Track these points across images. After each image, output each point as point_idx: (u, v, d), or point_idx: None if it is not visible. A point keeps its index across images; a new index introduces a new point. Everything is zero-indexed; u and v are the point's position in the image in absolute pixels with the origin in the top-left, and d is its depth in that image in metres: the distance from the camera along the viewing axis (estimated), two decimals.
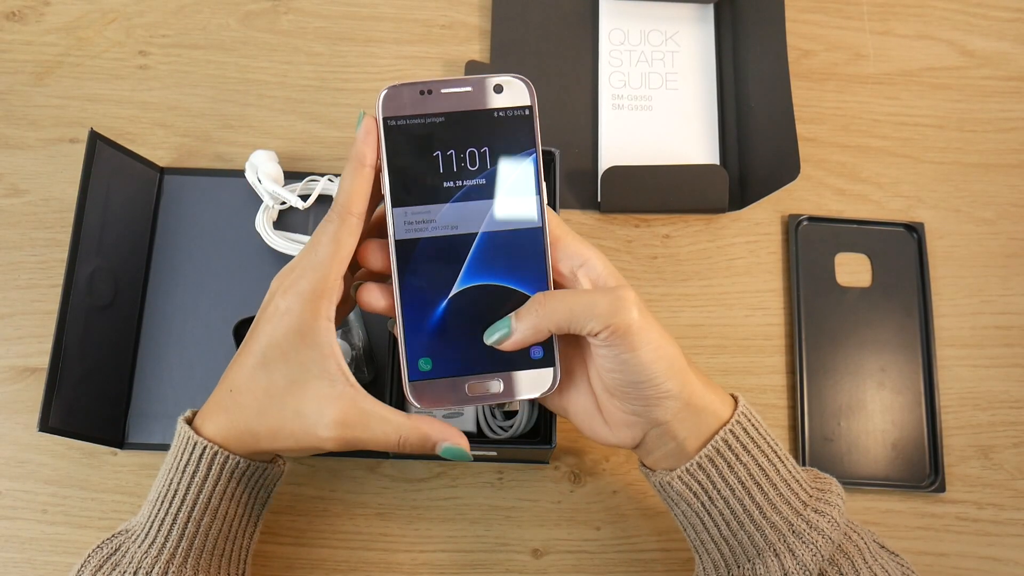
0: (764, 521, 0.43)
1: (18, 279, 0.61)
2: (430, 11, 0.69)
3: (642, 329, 0.40)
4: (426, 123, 0.42)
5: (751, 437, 0.43)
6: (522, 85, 0.42)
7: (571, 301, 0.41)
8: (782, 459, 0.44)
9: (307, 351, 0.41)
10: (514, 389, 0.43)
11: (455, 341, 0.42)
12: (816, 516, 0.43)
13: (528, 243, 0.42)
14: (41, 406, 0.51)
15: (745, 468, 0.43)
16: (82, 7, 0.68)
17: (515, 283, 0.42)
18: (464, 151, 0.42)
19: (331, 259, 0.41)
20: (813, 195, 0.65)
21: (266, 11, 0.69)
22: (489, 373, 0.43)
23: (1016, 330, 0.62)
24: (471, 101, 0.42)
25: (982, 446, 0.60)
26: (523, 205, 0.42)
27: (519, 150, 0.42)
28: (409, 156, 0.42)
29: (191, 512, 0.44)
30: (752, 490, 0.43)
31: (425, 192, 0.42)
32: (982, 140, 0.67)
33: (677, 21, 0.69)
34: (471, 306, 0.42)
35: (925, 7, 0.71)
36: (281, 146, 0.65)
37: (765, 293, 0.63)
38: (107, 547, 0.45)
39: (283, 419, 0.42)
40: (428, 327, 0.42)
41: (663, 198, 0.63)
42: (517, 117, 0.42)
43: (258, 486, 0.47)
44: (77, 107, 0.66)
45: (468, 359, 0.42)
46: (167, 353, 0.60)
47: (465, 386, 0.42)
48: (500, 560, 0.56)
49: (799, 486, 0.44)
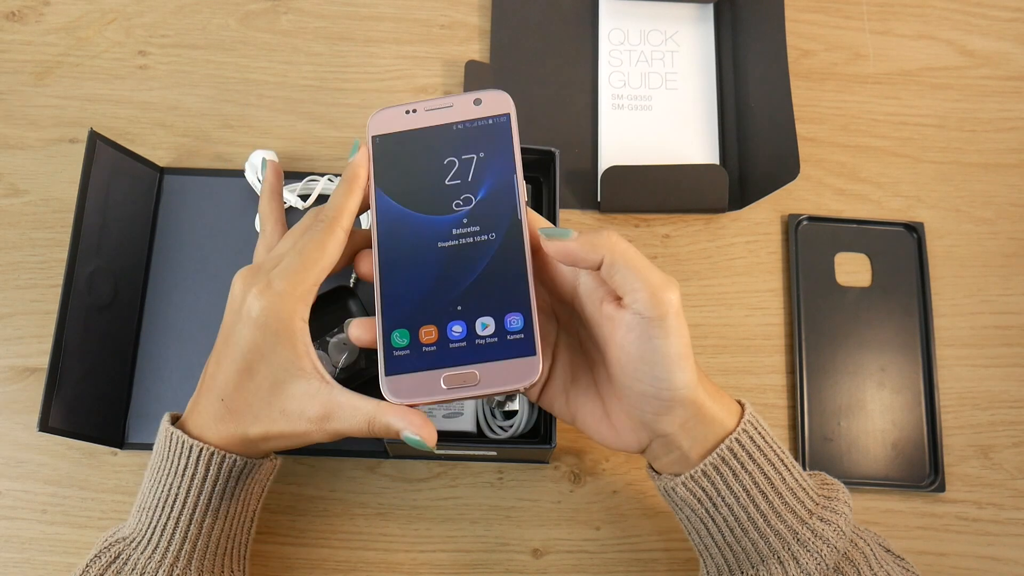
0: (768, 529, 0.43)
1: (18, 279, 0.61)
2: (430, 11, 0.69)
3: (680, 321, 0.40)
4: (410, 136, 0.44)
5: (757, 445, 0.43)
6: (501, 96, 0.45)
7: (634, 257, 0.40)
8: (788, 467, 0.44)
9: (283, 351, 0.42)
10: (493, 380, 0.41)
11: (432, 319, 0.42)
12: (821, 525, 0.43)
13: (508, 240, 0.42)
14: (41, 406, 0.51)
15: (750, 476, 0.43)
16: (82, 7, 0.68)
17: (494, 281, 0.42)
18: (445, 158, 0.44)
19: (313, 264, 0.43)
20: (813, 195, 0.65)
21: (266, 11, 0.69)
22: (466, 365, 0.41)
23: (1016, 330, 0.63)
24: (452, 115, 0.45)
25: (982, 446, 0.60)
26: (503, 208, 0.43)
27: (500, 155, 0.44)
28: (395, 166, 0.44)
29: (192, 515, 0.44)
30: (757, 498, 0.43)
31: (407, 198, 0.43)
32: (982, 140, 0.67)
33: (677, 21, 0.69)
34: (447, 292, 0.42)
35: (925, 7, 0.71)
36: (281, 146, 0.65)
37: (765, 293, 0.63)
38: (105, 556, 0.45)
39: (272, 421, 0.43)
40: (404, 304, 0.42)
41: (663, 198, 0.63)
42: (496, 125, 0.44)
43: (254, 482, 0.48)
44: (77, 107, 0.65)
45: (444, 351, 0.42)
46: (167, 353, 0.60)
47: (441, 379, 0.41)
48: (500, 560, 0.56)
49: (805, 494, 0.44)
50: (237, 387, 0.43)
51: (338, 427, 0.42)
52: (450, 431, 0.55)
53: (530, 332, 0.41)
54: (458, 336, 0.42)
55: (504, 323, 0.41)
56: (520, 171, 0.43)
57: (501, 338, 0.41)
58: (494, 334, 0.41)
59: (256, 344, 0.43)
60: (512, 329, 0.41)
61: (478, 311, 0.42)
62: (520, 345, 0.41)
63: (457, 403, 0.55)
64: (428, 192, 0.43)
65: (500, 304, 0.42)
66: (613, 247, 0.40)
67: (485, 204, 0.43)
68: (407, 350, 0.42)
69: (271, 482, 0.50)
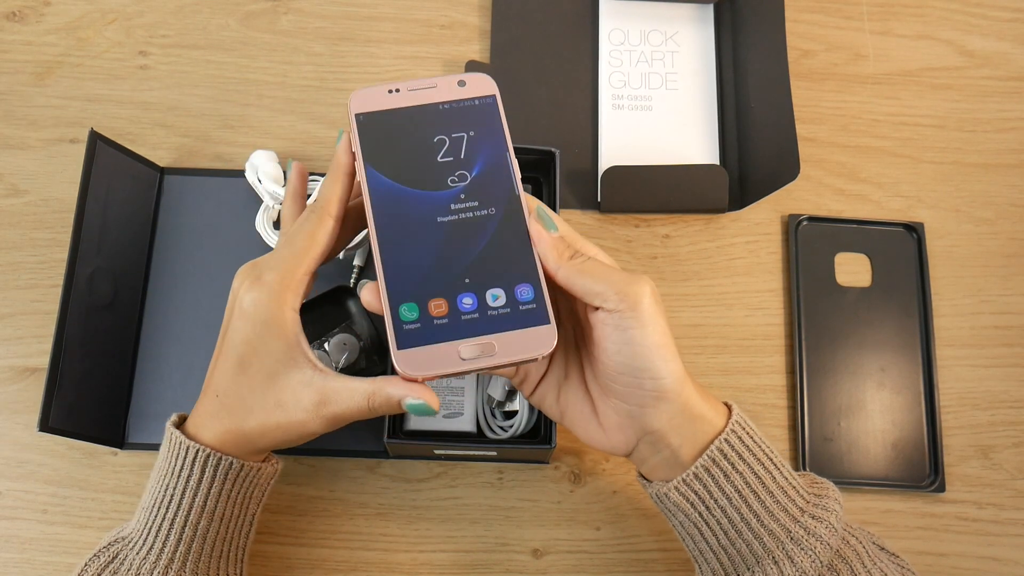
0: (762, 529, 0.43)
1: (18, 279, 0.61)
2: (430, 11, 0.69)
3: (654, 311, 0.41)
4: (395, 114, 0.44)
5: (746, 445, 0.43)
6: (485, 78, 0.45)
7: (594, 266, 0.42)
8: (777, 466, 0.44)
9: (274, 342, 0.42)
10: (510, 350, 0.41)
11: (440, 290, 0.42)
12: (814, 522, 0.43)
13: (509, 215, 0.43)
14: (41, 406, 0.51)
15: (741, 477, 0.43)
16: (82, 7, 0.68)
17: (499, 254, 0.42)
18: (434, 136, 0.44)
19: (303, 254, 0.43)
20: (813, 195, 0.65)
21: (266, 11, 0.69)
22: (482, 335, 0.41)
23: (1016, 330, 0.63)
24: (436, 95, 0.44)
25: (982, 446, 0.60)
26: (500, 183, 0.43)
27: (490, 135, 0.44)
28: (383, 143, 0.43)
29: (188, 517, 0.44)
30: (749, 499, 0.43)
31: (400, 174, 0.43)
32: (982, 140, 0.67)
33: (677, 21, 0.69)
34: (453, 264, 0.42)
35: (925, 7, 0.71)
36: (281, 146, 0.65)
37: (765, 293, 0.63)
38: (104, 555, 0.45)
39: (267, 414, 0.43)
40: (408, 277, 0.42)
41: (663, 198, 0.63)
42: (483, 105, 0.44)
43: (252, 485, 0.47)
44: (77, 107, 0.66)
45: (457, 323, 0.41)
46: (167, 353, 0.60)
47: (458, 350, 0.40)
48: (500, 560, 0.56)
49: (796, 492, 0.44)
50: (231, 381, 0.44)
51: (335, 410, 0.42)
52: (450, 431, 0.55)
53: (542, 301, 0.42)
54: (469, 308, 0.41)
55: (515, 294, 0.42)
56: (512, 150, 0.43)
57: (513, 309, 0.41)
58: (506, 305, 0.41)
59: (247, 337, 0.43)
60: (523, 300, 0.42)
61: (487, 283, 0.42)
62: (534, 315, 0.41)
63: (457, 403, 0.55)
64: (420, 168, 0.43)
65: (508, 276, 0.42)
66: (569, 266, 0.42)
67: (481, 180, 0.43)
68: (417, 323, 0.41)
69: (272, 486, 0.49)
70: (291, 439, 0.44)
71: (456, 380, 0.55)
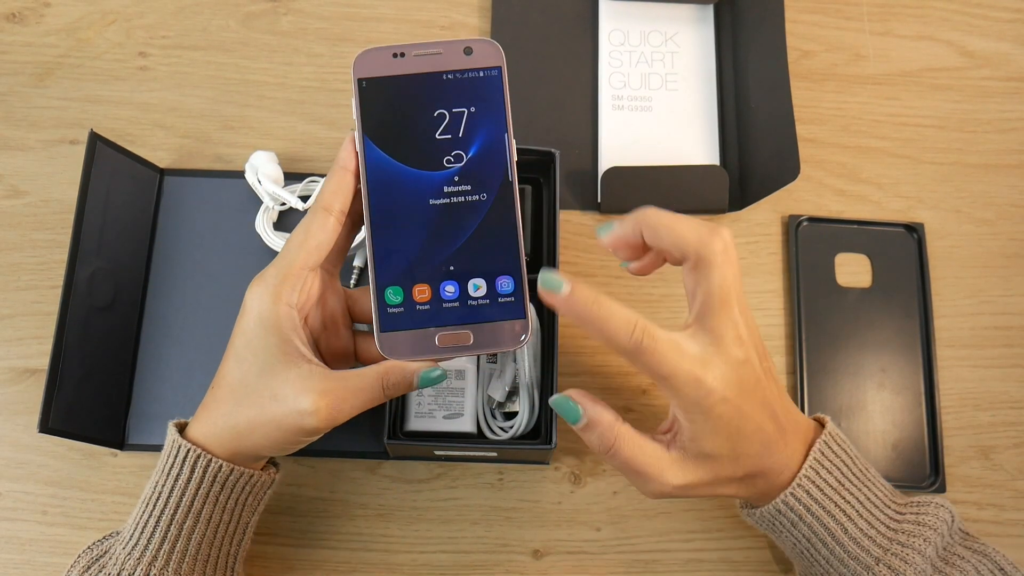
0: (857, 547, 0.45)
1: (18, 280, 0.61)
2: (430, 12, 0.69)
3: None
4: (398, 82, 0.44)
5: (845, 452, 0.46)
6: (492, 45, 0.44)
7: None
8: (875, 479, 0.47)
9: (269, 336, 0.43)
10: (485, 341, 0.43)
11: (426, 277, 0.43)
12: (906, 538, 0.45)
13: (499, 203, 0.43)
14: (41, 407, 0.51)
15: (844, 488, 0.45)
16: (82, 8, 0.68)
17: (485, 243, 0.43)
18: (435, 110, 0.43)
19: (298, 249, 0.44)
20: (813, 195, 0.65)
21: (266, 12, 0.69)
22: (460, 325, 0.43)
23: (1016, 330, 0.62)
24: (442, 63, 0.44)
25: (982, 446, 0.60)
26: (494, 168, 0.43)
27: (491, 112, 0.44)
28: (383, 114, 0.43)
29: (173, 515, 0.44)
30: (852, 515, 0.45)
31: (397, 149, 0.43)
32: (982, 141, 0.67)
33: (677, 22, 0.69)
34: (440, 249, 0.43)
35: (925, 7, 0.71)
36: (281, 147, 0.65)
37: (765, 294, 0.63)
38: (96, 549, 0.46)
39: (261, 406, 0.43)
40: (396, 261, 0.43)
41: (663, 198, 0.63)
42: (487, 79, 0.44)
43: (245, 492, 0.47)
44: (77, 108, 0.66)
45: (438, 310, 0.43)
46: (167, 353, 0.59)
47: (435, 337, 0.43)
48: (500, 561, 0.56)
49: (890, 499, 0.47)
50: (225, 373, 0.44)
51: (341, 402, 0.42)
52: (450, 432, 0.55)
53: (520, 295, 0.43)
54: (451, 296, 0.43)
55: (496, 286, 0.43)
56: (511, 129, 0.43)
57: (493, 300, 0.42)
58: (486, 296, 0.43)
59: (245, 332, 0.43)
60: (503, 292, 0.43)
61: (470, 272, 0.43)
62: (511, 307, 0.42)
63: (457, 404, 0.55)
64: (418, 145, 0.43)
65: (491, 266, 0.43)
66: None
67: (476, 162, 0.43)
68: (401, 307, 0.42)
69: (268, 495, 0.49)
70: (286, 438, 0.43)
71: (456, 380, 0.55)
